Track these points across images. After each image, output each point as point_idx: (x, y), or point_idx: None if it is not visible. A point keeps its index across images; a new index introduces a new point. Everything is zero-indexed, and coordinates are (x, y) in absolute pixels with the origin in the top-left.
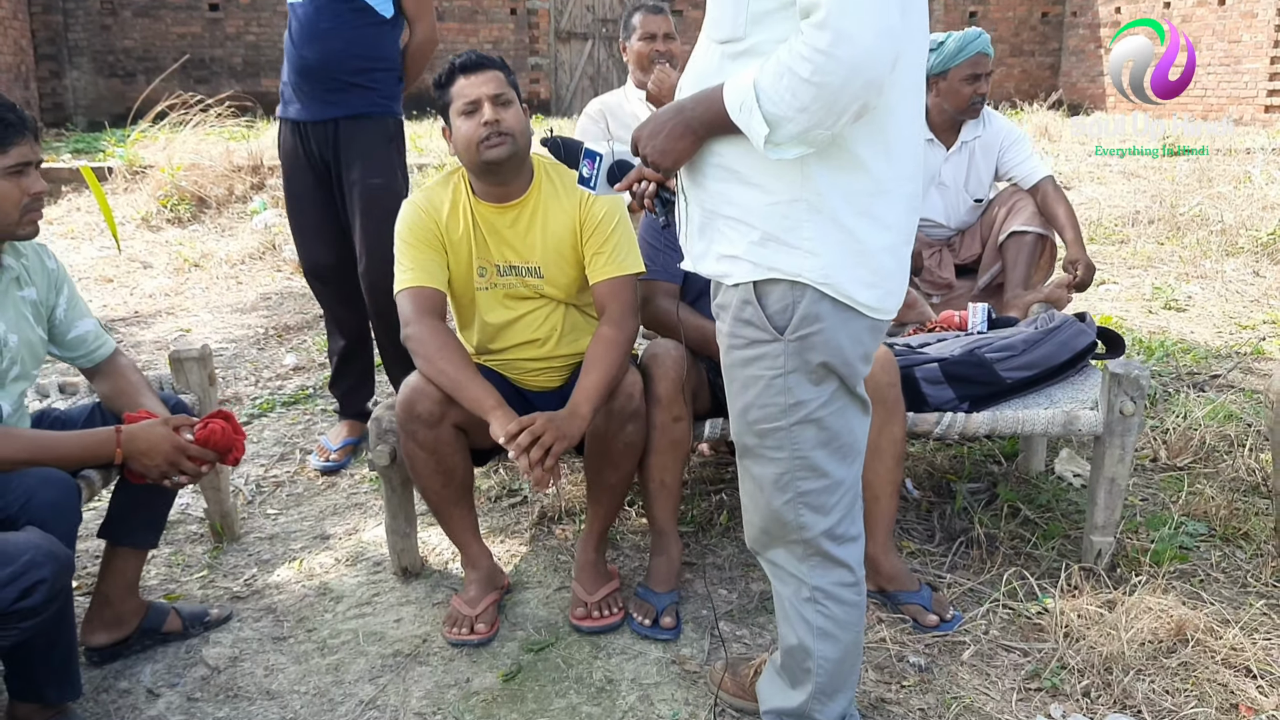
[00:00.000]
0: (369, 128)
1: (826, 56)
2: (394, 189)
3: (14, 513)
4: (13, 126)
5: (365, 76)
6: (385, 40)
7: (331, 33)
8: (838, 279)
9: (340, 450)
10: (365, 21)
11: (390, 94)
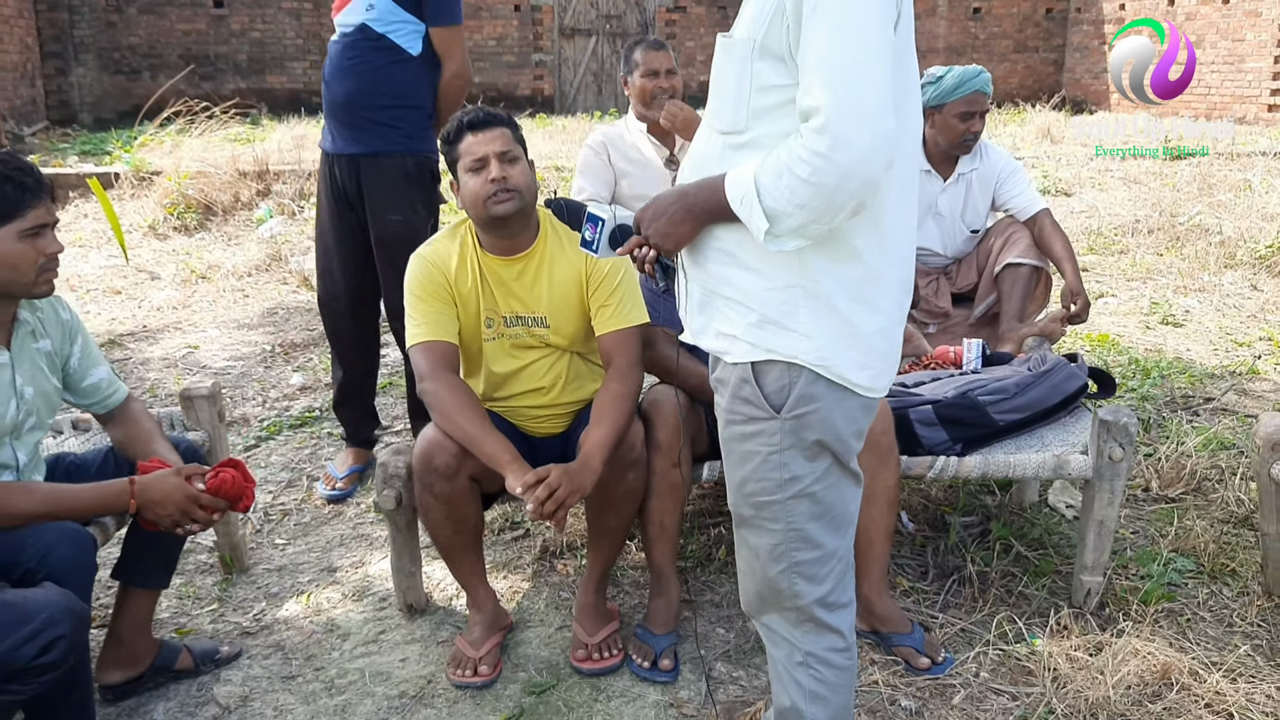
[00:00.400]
0: (389, 166)
1: (825, 160)
2: (413, 225)
3: (32, 567)
4: (30, 190)
5: (388, 114)
6: (412, 78)
7: (357, 70)
8: (833, 361)
9: (346, 479)
10: (391, 60)
11: (413, 132)
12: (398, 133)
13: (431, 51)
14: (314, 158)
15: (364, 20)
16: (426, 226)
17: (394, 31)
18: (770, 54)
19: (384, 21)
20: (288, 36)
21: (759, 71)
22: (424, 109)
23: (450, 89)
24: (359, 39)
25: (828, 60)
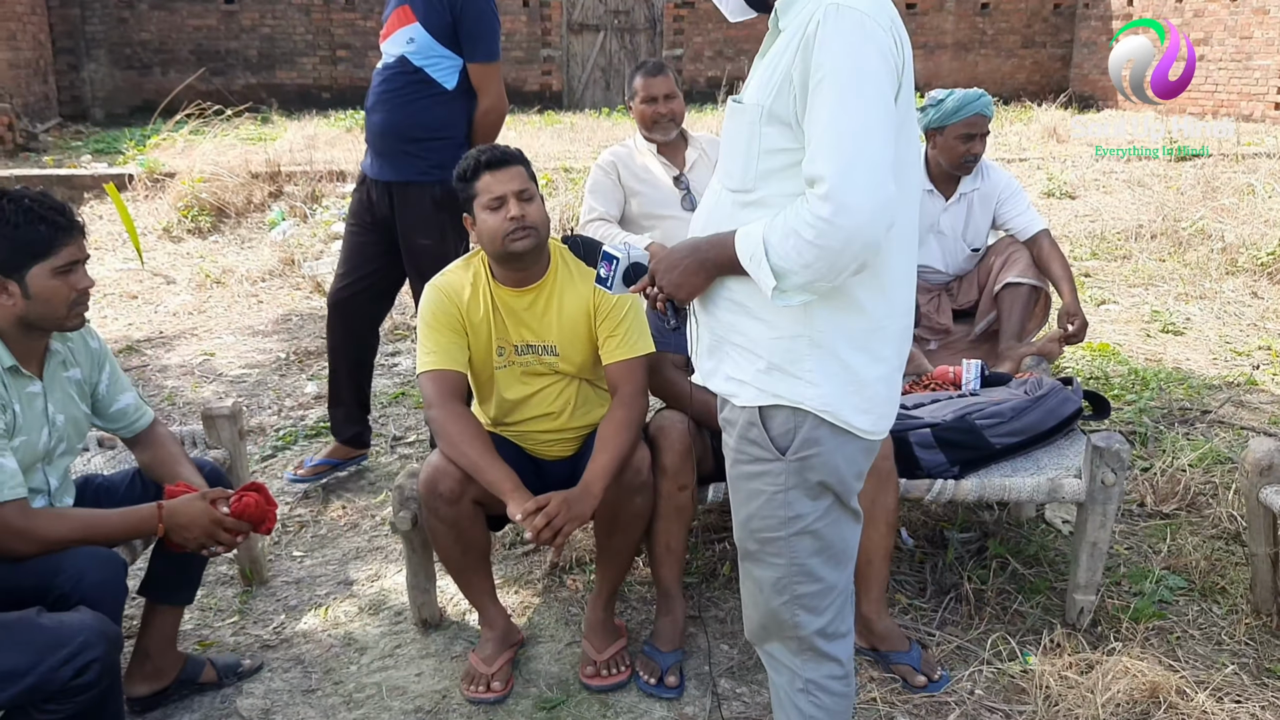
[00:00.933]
0: (417, 194)
1: (829, 224)
2: (441, 249)
3: (66, 591)
4: (63, 229)
5: (419, 145)
6: (447, 112)
7: (394, 102)
8: (836, 407)
9: (311, 468)
10: (428, 93)
11: (444, 162)
12: (428, 163)
13: (467, 85)
14: (325, 159)
15: (404, 53)
16: (457, 249)
17: (432, 66)
18: (778, 120)
19: (423, 55)
20: (298, 32)
21: (767, 135)
22: (456, 140)
23: (485, 122)
24: (398, 71)
25: (832, 130)
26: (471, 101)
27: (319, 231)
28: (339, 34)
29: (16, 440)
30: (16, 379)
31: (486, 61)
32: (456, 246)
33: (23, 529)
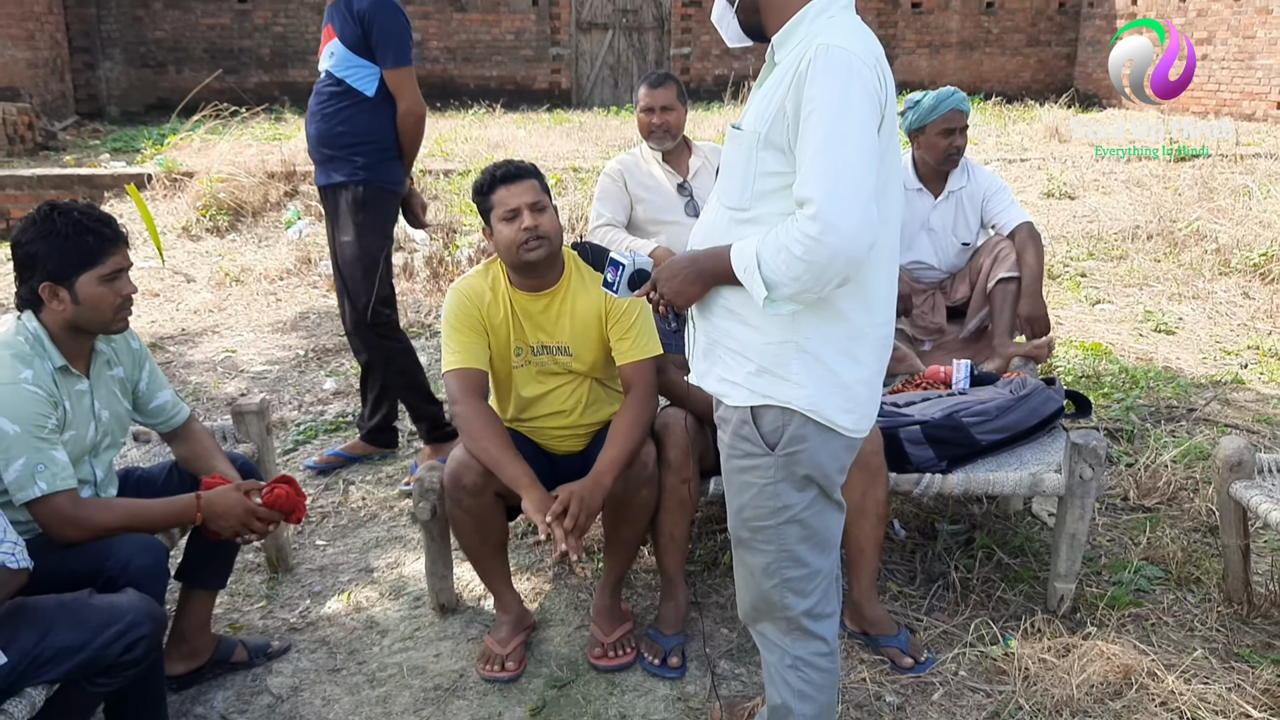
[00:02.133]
0: (342, 194)
1: (816, 241)
2: (357, 248)
3: (114, 574)
4: (109, 240)
5: (345, 150)
6: (369, 118)
7: (321, 113)
8: (821, 407)
9: (327, 457)
10: (350, 101)
11: (368, 165)
12: (353, 165)
13: (387, 92)
14: None
15: (328, 67)
16: (377, 251)
17: (351, 76)
18: (773, 145)
19: (342, 67)
20: (310, 30)
21: (762, 159)
22: (380, 144)
23: (406, 124)
24: (325, 84)
25: (820, 157)
26: (393, 108)
27: None
28: None
29: (67, 434)
30: (66, 378)
31: (397, 66)
32: (377, 248)
33: (74, 517)
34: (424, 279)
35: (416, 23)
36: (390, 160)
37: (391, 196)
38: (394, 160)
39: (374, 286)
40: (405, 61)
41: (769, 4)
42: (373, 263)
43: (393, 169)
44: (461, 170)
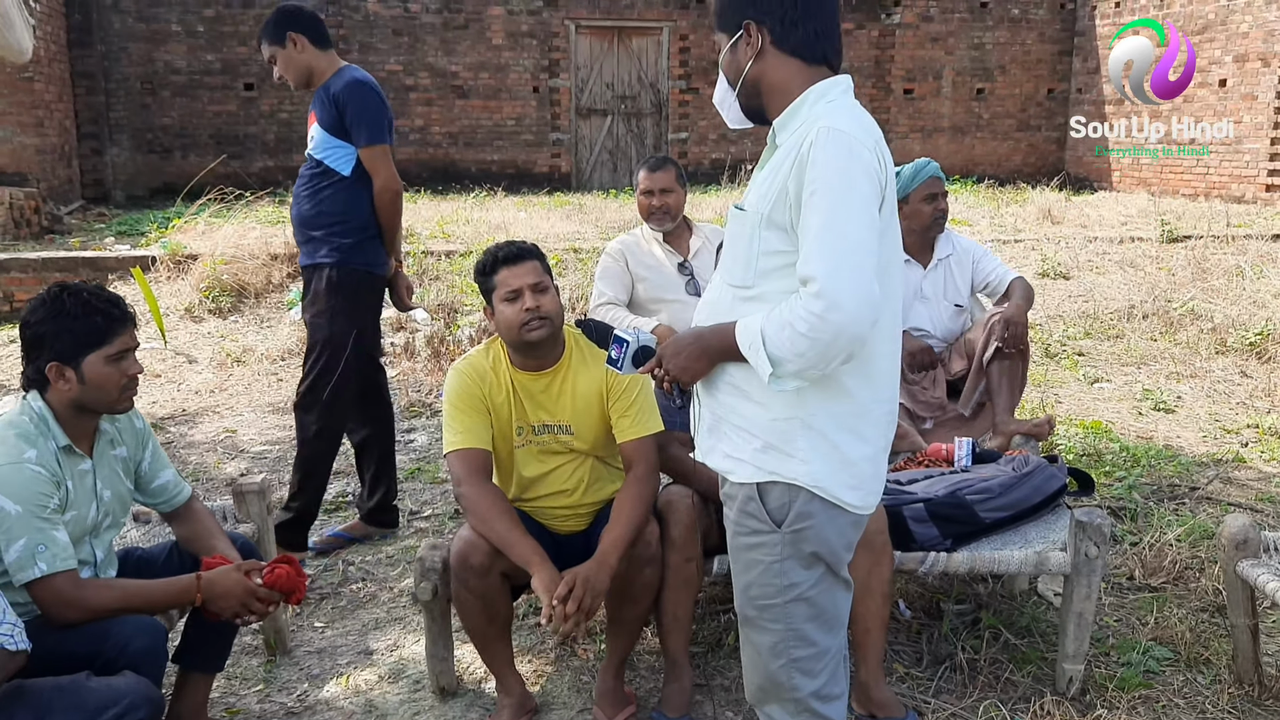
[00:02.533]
0: (315, 274)
1: (820, 319)
2: (328, 330)
3: (112, 657)
4: (117, 320)
5: (321, 231)
6: (346, 197)
7: (302, 194)
8: (827, 483)
9: (327, 538)
10: (328, 182)
11: (343, 246)
12: (330, 246)
13: (364, 171)
14: None
15: (309, 151)
16: (343, 334)
17: (329, 157)
18: (775, 225)
19: (321, 149)
20: None
21: (765, 239)
22: (355, 224)
23: (382, 201)
24: (308, 167)
25: (823, 236)
26: (369, 187)
27: None
28: None
29: (68, 515)
30: (69, 457)
31: (370, 145)
32: (344, 331)
33: (73, 598)
34: (425, 358)
35: (419, 109)
36: (368, 241)
37: (369, 279)
38: (372, 241)
39: (337, 369)
40: (379, 140)
41: (770, 89)
42: (340, 346)
43: (371, 250)
44: (463, 251)
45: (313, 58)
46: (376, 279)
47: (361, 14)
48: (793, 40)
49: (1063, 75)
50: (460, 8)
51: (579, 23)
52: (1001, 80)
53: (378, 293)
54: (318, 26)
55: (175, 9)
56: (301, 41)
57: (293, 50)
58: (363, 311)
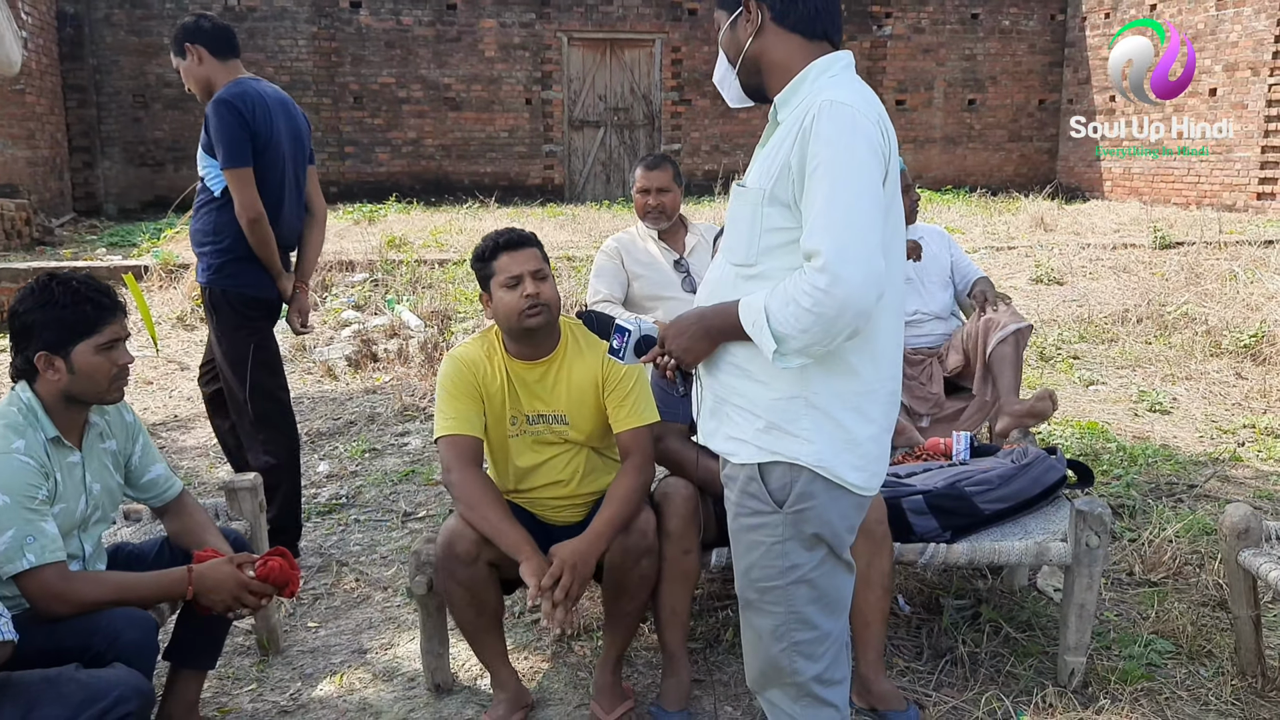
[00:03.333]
0: (205, 295)
1: (825, 294)
2: (221, 348)
3: (102, 649)
4: (106, 309)
5: (200, 250)
6: (217, 217)
7: (193, 213)
8: (830, 463)
9: None
10: (205, 201)
11: (213, 265)
12: (203, 265)
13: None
14: (334, 249)
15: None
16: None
17: (206, 176)
18: (778, 201)
19: (202, 168)
20: None
21: (768, 215)
22: (225, 244)
23: (241, 223)
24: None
25: (827, 211)
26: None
27: (329, 319)
28: (347, 131)
29: (56, 507)
30: (58, 449)
31: (225, 167)
32: (235, 351)
33: (62, 591)
34: (419, 364)
35: (412, 121)
36: (239, 261)
37: (242, 299)
38: (245, 262)
39: (245, 385)
40: (235, 163)
41: (771, 65)
42: (238, 363)
43: (245, 271)
44: (456, 260)
45: (211, 70)
46: (252, 300)
47: (354, 26)
48: (793, 17)
49: (1054, 86)
50: (453, 20)
51: (571, 35)
52: (993, 91)
53: (261, 312)
54: (219, 38)
55: (167, 23)
56: (200, 53)
57: (193, 62)
58: (242, 331)
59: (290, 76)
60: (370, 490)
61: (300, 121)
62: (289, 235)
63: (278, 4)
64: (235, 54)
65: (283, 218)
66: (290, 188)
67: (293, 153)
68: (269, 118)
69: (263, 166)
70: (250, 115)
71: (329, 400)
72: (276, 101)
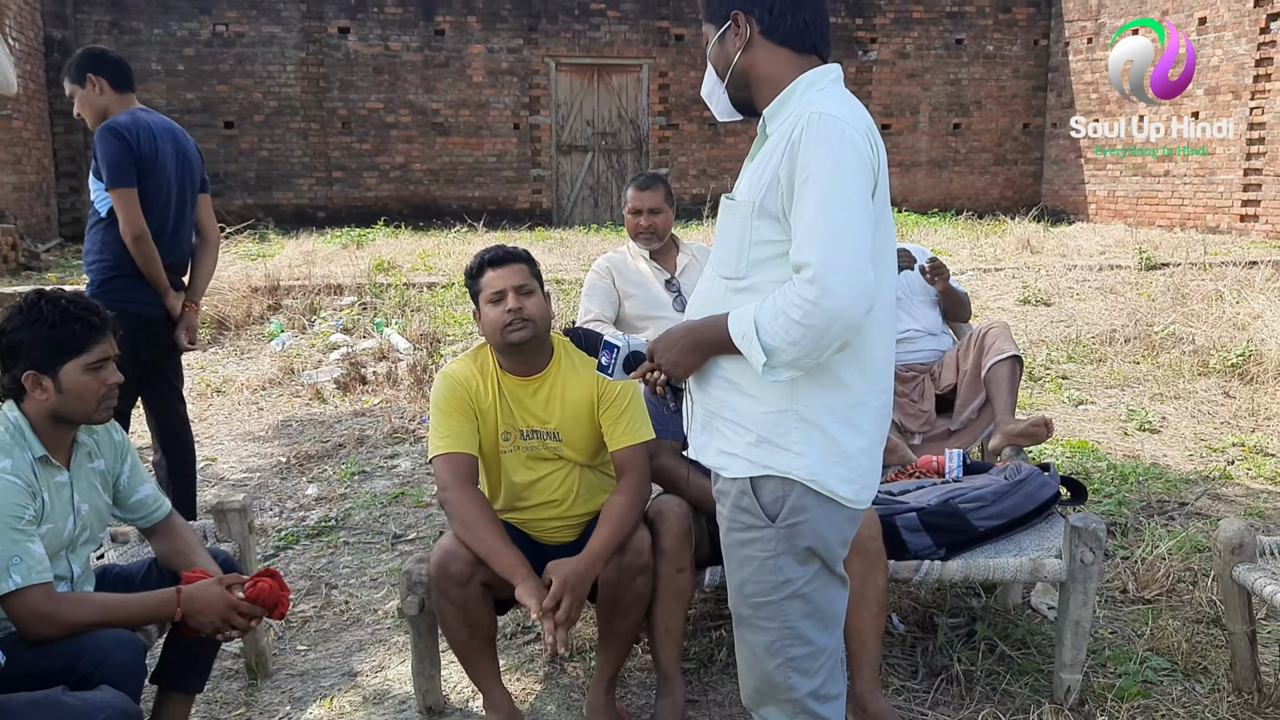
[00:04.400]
0: None
1: (814, 306)
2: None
3: (89, 671)
4: (96, 329)
5: (88, 269)
6: (103, 236)
7: (86, 233)
8: (822, 477)
9: None
10: (92, 221)
11: (95, 282)
12: (90, 283)
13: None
14: (323, 273)
15: None
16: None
17: (95, 197)
18: (767, 214)
19: (92, 190)
20: (295, 155)
21: (757, 228)
22: (108, 263)
23: (126, 243)
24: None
25: (816, 223)
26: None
27: (318, 342)
28: (335, 156)
29: (44, 528)
30: (46, 468)
31: (110, 188)
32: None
33: (49, 613)
34: (407, 386)
35: (400, 146)
36: (121, 279)
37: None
38: (127, 279)
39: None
40: (119, 184)
41: (760, 79)
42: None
43: (127, 288)
44: (445, 283)
45: (110, 101)
46: (135, 318)
47: (342, 52)
48: (781, 30)
49: (1038, 110)
50: (441, 46)
51: (559, 60)
52: (978, 115)
53: (146, 330)
54: (120, 71)
55: (155, 48)
56: (101, 84)
57: (92, 91)
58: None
59: (279, 102)
60: (359, 513)
61: (190, 150)
62: (178, 256)
63: (266, 30)
64: (131, 88)
65: (170, 239)
66: (177, 212)
67: (180, 179)
68: (154, 144)
69: (148, 189)
70: (135, 141)
71: (317, 423)
72: (164, 130)
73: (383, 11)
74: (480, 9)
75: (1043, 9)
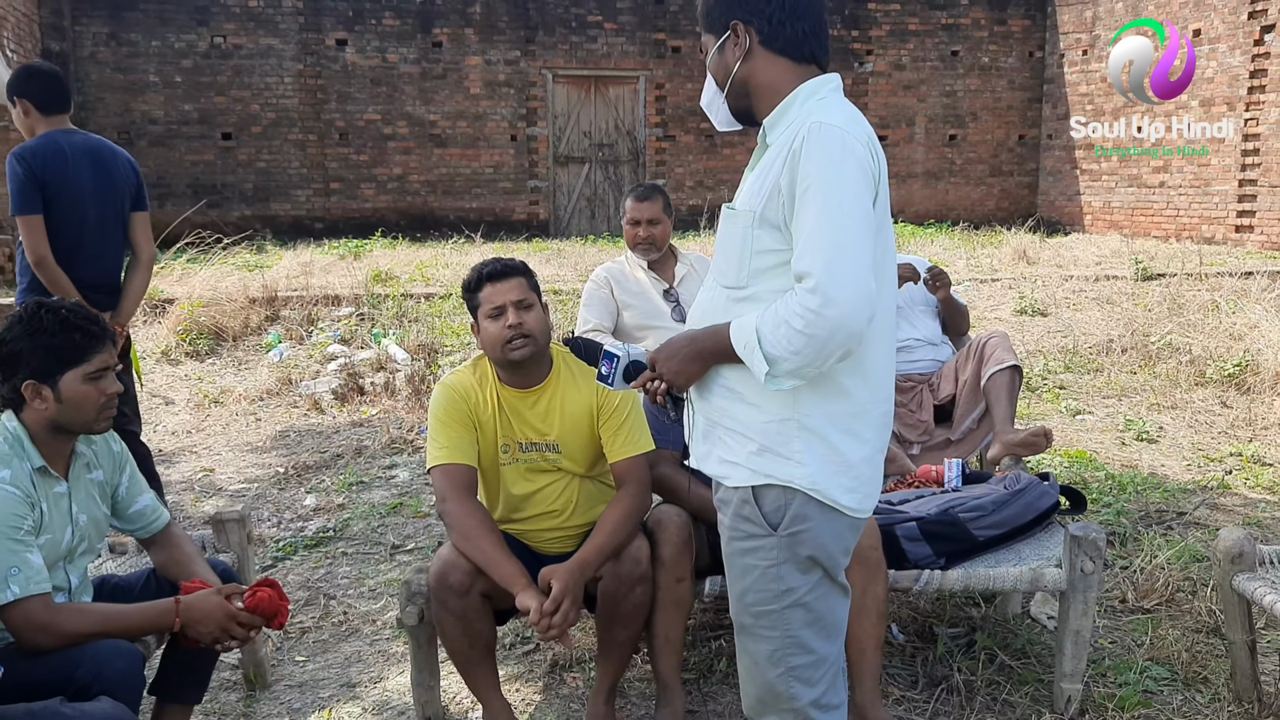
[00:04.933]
0: None
1: (816, 315)
2: None
3: (88, 682)
4: (96, 338)
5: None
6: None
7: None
8: (824, 486)
9: None
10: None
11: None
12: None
13: None
14: (321, 284)
15: None
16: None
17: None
18: (768, 223)
19: None
20: (292, 166)
21: (758, 237)
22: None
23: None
24: None
25: (818, 231)
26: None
27: (315, 352)
28: (332, 168)
29: (42, 538)
30: (44, 479)
31: (13, 214)
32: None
33: (47, 623)
34: (405, 397)
35: (398, 158)
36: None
37: None
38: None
39: None
40: (21, 210)
41: (760, 89)
42: None
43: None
44: (442, 294)
45: (35, 122)
46: None
47: (340, 64)
48: (781, 39)
49: (1033, 121)
50: (438, 58)
51: (556, 72)
52: (973, 127)
53: None
54: (47, 92)
55: (153, 60)
56: (26, 106)
57: (19, 113)
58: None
59: (276, 114)
60: (358, 523)
61: (117, 170)
62: (97, 276)
63: (264, 41)
64: (62, 109)
65: (89, 260)
66: (96, 233)
67: (100, 200)
68: (64, 168)
69: (56, 213)
70: (41, 166)
71: (315, 434)
72: (82, 151)
73: (380, 23)
74: (478, 21)
75: (1038, 21)
